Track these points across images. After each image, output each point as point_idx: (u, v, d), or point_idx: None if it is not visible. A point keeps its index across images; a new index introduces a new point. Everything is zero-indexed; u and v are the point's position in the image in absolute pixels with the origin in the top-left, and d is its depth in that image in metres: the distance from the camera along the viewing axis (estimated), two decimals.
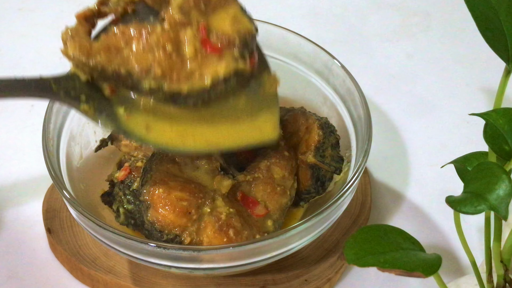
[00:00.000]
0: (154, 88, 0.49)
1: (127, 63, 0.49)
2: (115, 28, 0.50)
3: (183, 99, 0.50)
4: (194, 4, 0.51)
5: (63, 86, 0.49)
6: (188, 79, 0.49)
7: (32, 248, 0.60)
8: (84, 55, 0.49)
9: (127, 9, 0.53)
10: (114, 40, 0.50)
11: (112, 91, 0.50)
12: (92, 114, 0.49)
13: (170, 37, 0.49)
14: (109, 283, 0.57)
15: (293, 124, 0.59)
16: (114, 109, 0.50)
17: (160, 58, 0.49)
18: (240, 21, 0.52)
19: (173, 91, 0.49)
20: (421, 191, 0.66)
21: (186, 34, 0.49)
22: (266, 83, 0.54)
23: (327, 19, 0.87)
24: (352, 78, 0.58)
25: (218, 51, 0.50)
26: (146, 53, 0.49)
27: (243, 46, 0.51)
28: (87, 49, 0.49)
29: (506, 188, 0.39)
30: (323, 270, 0.57)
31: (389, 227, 0.43)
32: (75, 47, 0.50)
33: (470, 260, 0.45)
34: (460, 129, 0.72)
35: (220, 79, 0.49)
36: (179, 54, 0.49)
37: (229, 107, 0.52)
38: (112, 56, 0.49)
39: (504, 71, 0.44)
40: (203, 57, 0.50)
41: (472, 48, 0.82)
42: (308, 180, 0.56)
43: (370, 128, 0.55)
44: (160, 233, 0.51)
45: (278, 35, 0.63)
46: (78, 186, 0.55)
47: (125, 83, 0.50)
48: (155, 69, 0.49)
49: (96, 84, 0.50)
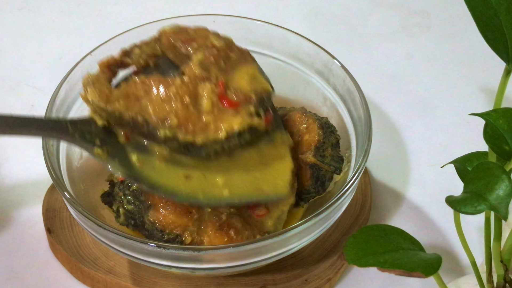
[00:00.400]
0: (169, 137, 0.50)
1: (145, 111, 0.50)
2: (136, 77, 0.52)
3: (196, 150, 0.51)
4: (214, 61, 0.52)
5: (79, 129, 0.51)
6: (203, 131, 0.50)
7: (32, 248, 0.60)
8: (103, 101, 0.50)
9: (149, 62, 0.55)
10: (134, 89, 0.51)
11: (126, 138, 0.52)
12: (105, 158, 0.51)
13: (189, 89, 0.50)
14: (109, 283, 0.57)
15: (293, 124, 0.59)
16: (128, 155, 0.51)
17: (178, 108, 0.50)
18: (257, 80, 0.53)
19: (187, 142, 0.50)
20: (421, 191, 0.66)
21: (204, 88, 0.50)
22: (278, 141, 0.55)
23: (327, 19, 0.87)
24: (352, 78, 0.58)
25: (235, 106, 0.51)
26: (164, 103, 0.50)
27: (259, 103, 0.52)
28: (107, 95, 0.51)
29: (506, 188, 0.39)
30: (323, 270, 0.57)
31: (389, 227, 0.43)
32: (94, 93, 0.51)
33: (470, 260, 0.45)
34: (460, 129, 0.72)
35: (234, 133, 0.50)
36: (196, 106, 0.50)
37: (241, 160, 0.53)
38: (130, 104, 0.50)
39: (504, 71, 0.44)
40: (219, 110, 0.50)
41: (472, 48, 0.82)
42: (308, 180, 0.56)
43: (370, 128, 0.55)
44: (161, 233, 0.51)
45: (278, 35, 0.63)
46: (78, 186, 0.55)
47: (141, 130, 0.51)
48: (171, 119, 0.49)
49: (111, 129, 0.52)
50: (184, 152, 0.51)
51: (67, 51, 0.80)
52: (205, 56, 0.52)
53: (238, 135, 0.51)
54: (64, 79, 0.57)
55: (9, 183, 0.66)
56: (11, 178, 0.66)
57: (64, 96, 0.57)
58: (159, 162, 0.52)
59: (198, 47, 0.53)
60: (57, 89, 0.56)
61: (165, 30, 0.55)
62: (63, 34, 0.83)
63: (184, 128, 0.50)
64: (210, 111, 0.50)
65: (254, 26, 0.63)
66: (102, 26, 0.84)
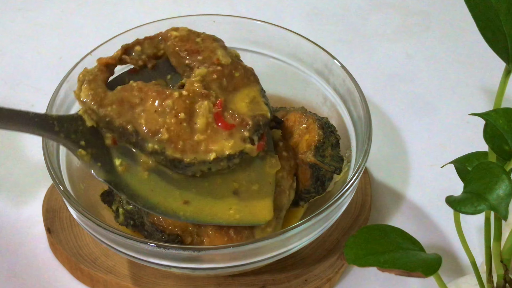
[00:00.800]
0: (157, 150, 0.49)
1: (136, 121, 0.49)
2: (133, 83, 0.50)
3: (182, 167, 0.49)
4: (217, 78, 0.51)
5: (65, 128, 0.49)
6: (193, 150, 0.49)
7: (32, 248, 0.60)
8: (96, 104, 0.49)
9: (148, 63, 0.53)
10: (129, 95, 0.50)
11: (114, 142, 0.50)
12: (88, 160, 0.50)
13: (185, 105, 0.49)
14: (109, 283, 0.57)
15: (293, 124, 0.59)
16: (112, 160, 0.50)
17: (170, 124, 0.48)
18: (257, 104, 0.52)
19: (175, 158, 0.49)
20: (421, 191, 0.66)
21: (201, 106, 0.49)
22: (266, 165, 0.53)
23: (327, 19, 0.87)
24: (352, 78, 0.58)
25: (229, 128, 0.49)
26: (157, 115, 0.49)
27: (254, 129, 0.50)
28: (101, 98, 0.49)
29: (506, 188, 0.39)
30: (323, 270, 0.57)
31: (389, 227, 0.43)
32: (88, 93, 0.49)
33: (470, 260, 0.45)
34: (460, 129, 0.72)
35: (224, 157, 0.49)
36: (190, 123, 0.49)
37: (227, 181, 0.52)
38: (123, 111, 0.49)
39: (504, 71, 0.44)
40: (213, 131, 0.49)
41: (472, 48, 0.82)
42: (308, 180, 0.56)
43: (370, 128, 0.55)
44: (162, 234, 0.51)
45: (278, 35, 0.63)
46: (78, 186, 0.55)
47: (128, 139, 0.50)
48: (162, 134, 0.48)
49: (99, 130, 0.50)
50: (169, 167, 0.50)
51: (67, 51, 0.80)
52: (208, 72, 0.51)
53: (227, 159, 0.49)
54: (64, 79, 0.57)
55: (9, 183, 0.66)
56: (11, 178, 0.66)
57: (64, 96, 0.57)
58: (143, 171, 0.50)
59: (202, 60, 0.52)
60: (57, 89, 0.56)
61: (172, 34, 0.54)
62: (63, 34, 0.83)
63: (174, 145, 0.48)
64: (203, 130, 0.49)
65: (254, 26, 0.63)
66: (102, 26, 0.84)
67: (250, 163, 0.52)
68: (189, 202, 0.50)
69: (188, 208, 0.50)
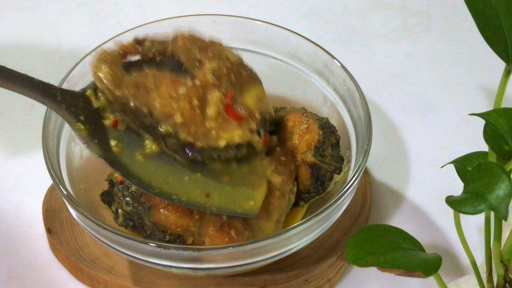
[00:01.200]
0: (170, 133, 0.50)
1: (152, 104, 0.50)
2: (148, 70, 0.52)
3: (193, 152, 0.51)
4: (226, 73, 0.53)
5: (67, 100, 0.51)
6: (204, 135, 0.51)
7: (32, 248, 0.60)
8: (114, 85, 0.51)
9: (156, 57, 0.55)
10: (145, 80, 0.51)
11: (114, 125, 0.52)
12: (85, 135, 0.51)
13: (198, 93, 0.51)
14: (109, 283, 0.57)
15: (294, 124, 0.59)
16: (108, 140, 0.52)
17: (184, 108, 0.50)
18: (263, 102, 0.54)
19: (187, 142, 0.50)
20: (421, 191, 0.66)
21: (213, 96, 0.51)
22: (259, 164, 0.55)
23: (327, 19, 0.87)
24: (352, 78, 0.58)
25: (238, 119, 0.52)
26: (172, 100, 0.50)
27: (261, 123, 0.53)
28: (119, 79, 0.51)
29: (506, 188, 0.39)
30: (323, 270, 0.57)
31: (389, 227, 0.43)
32: (108, 74, 0.51)
33: (470, 260, 0.45)
34: (460, 129, 0.72)
35: (233, 145, 0.51)
36: (202, 111, 0.51)
37: (221, 171, 0.53)
38: (139, 94, 0.51)
39: (504, 71, 0.44)
40: (223, 120, 0.51)
41: (472, 48, 0.82)
42: (308, 180, 0.56)
43: (370, 128, 0.55)
44: (163, 234, 0.51)
45: (278, 35, 0.63)
46: (78, 186, 0.55)
47: (142, 121, 0.51)
48: (176, 117, 0.50)
49: (99, 111, 0.52)
50: (179, 152, 0.51)
51: (67, 51, 0.80)
52: (219, 66, 0.53)
53: (236, 148, 0.51)
54: (64, 79, 0.57)
55: (9, 183, 0.66)
56: (11, 178, 0.66)
57: None
58: (140, 156, 0.52)
59: (212, 56, 0.54)
60: None
61: (183, 33, 0.55)
62: (63, 34, 0.83)
63: (187, 129, 0.50)
64: (214, 118, 0.51)
65: (254, 26, 0.63)
66: (102, 26, 0.84)
67: (253, 160, 0.54)
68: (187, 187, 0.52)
69: (186, 179, 0.52)
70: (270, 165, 0.55)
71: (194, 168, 0.52)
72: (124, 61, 0.54)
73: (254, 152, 0.53)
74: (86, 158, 0.59)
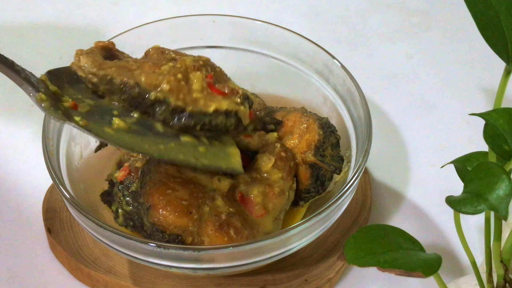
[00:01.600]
0: (160, 99, 0.51)
1: (137, 78, 0.51)
2: (129, 58, 0.54)
3: (185, 117, 0.51)
4: (202, 64, 0.54)
5: (26, 73, 0.51)
6: (193, 102, 0.52)
7: (32, 248, 0.60)
8: (96, 67, 0.51)
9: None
10: (126, 63, 0.52)
11: (74, 106, 0.51)
12: (47, 106, 0.49)
13: (180, 71, 0.52)
14: (109, 283, 0.57)
15: (294, 124, 0.59)
16: (72, 116, 0.50)
17: (170, 80, 0.51)
18: (239, 87, 0.55)
19: (177, 107, 0.51)
20: (421, 191, 0.66)
21: (195, 74, 0.53)
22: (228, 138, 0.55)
23: (327, 19, 0.87)
24: (352, 78, 0.58)
25: (222, 94, 0.53)
26: (156, 74, 0.51)
27: (244, 97, 0.54)
28: (100, 63, 0.52)
29: (506, 188, 0.39)
30: (323, 270, 0.57)
31: (389, 227, 0.43)
32: (88, 59, 0.52)
33: (470, 260, 0.45)
34: (460, 129, 0.72)
35: (222, 111, 0.52)
36: (188, 84, 0.52)
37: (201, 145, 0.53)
38: (122, 72, 0.51)
39: (504, 71, 0.44)
40: (208, 93, 0.53)
41: (472, 48, 0.82)
42: (308, 179, 0.56)
43: (370, 128, 0.55)
44: (162, 234, 0.51)
45: (278, 35, 0.63)
46: (78, 186, 0.55)
47: (130, 93, 0.51)
48: (164, 86, 0.51)
49: (58, 96, 0.51)
50: (167, 121, 0.51)
51: (67, 51, 0.80)
52: (194, 59, 0.54)
53: (225, 114, 0.52)
54: None
55: (9, 183, 0.66)
56: (11, 178, 0.66)
57: None
58: (109, 129, 0.50)
59: (186, 56, 0.55)
60: None
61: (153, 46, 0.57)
62: (63, 34, 0.83)
63: (176, 95, 0.51)
64: (200, 91, 0.52)
65: (254, 26, 0.63)
66: (102, 26, 0.84)
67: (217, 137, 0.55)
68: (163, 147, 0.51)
69: (162, 148, 0.51)
70: (269, 160, 0.55)
71: (168, 140, 0.52)
72: (105, 55, 0.54)
73: (239, 125, 0.54)
74: (86, 158, 0.59)
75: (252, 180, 0.54)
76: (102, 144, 0.60)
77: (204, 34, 0.64)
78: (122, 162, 0.58)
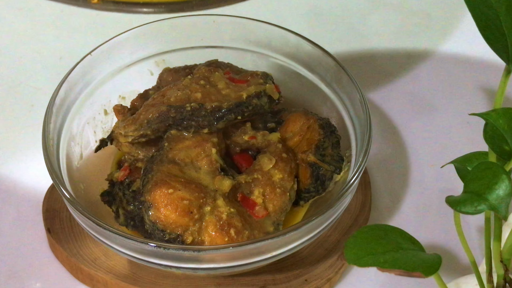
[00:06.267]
0: (196, 107, 0.54)
1: (167, 102, 0.55)
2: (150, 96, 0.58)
3: (223, 115, 0.54)
4: (216, 65, 0.60)
5: None
6: (225, 98, 0.55)
7: (32, 248, 0.60)
8: (132, 125, 0.55)
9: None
10: (151, 100, 0.56)
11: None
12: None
13: (203, 76, 0.57)
14: (109, 283, 0.57)
15: (294, 124, 0.59)
16: None
17: (196, 88, 0.56)
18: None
19: (214, 107, 0.54)
20: (421, 191, 0.66)
21: (215, 75, 0.57)
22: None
23: (327, 19, 0.87)
24: (352, 78, 0.58)
25: (245, 82, 0.57)
26: (182, 90, 0.56)
27: (265, 76, 0.58)
28: (130, 119, 0.56)
29: (506, 188, 0.39)
30: (323, 270, 0.57)
31: (389, 227, 0.43)
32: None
33: (470, 260, 0.45)
34: (460, 129, 0.72)
35: (253, 95, 0.56)
36: (212, 86, 0.56)
37: None
38: (151, 109, 0.55)
39: (504, 71, 0.44)
40: (233, 86, 0.57)
41: (472, 48, 0.82)
42: (308, 179, 0.56)
43: (370, 128, 0.55)
44: (162, 233, 0.51)
45: (278, 35, 0.63)
46: (78, 186, 0.55)
47: (167, 116, 0.55)
48: (192, 96, 0.55)
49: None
50: (206, 125, 0.54)
51: (67, 51, 0.80)
52: (207, 64, 0.59)
53: (257, 96, 0.56)
54: (64, 79, 0.57)
55: (9, 183, 0.66)
56: (11, 178, 0.66)
57: (64, 96, 0.57)
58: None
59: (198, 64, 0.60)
60: (57, 89, 0.56)
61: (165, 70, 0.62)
62: (63, 34, 0.83)
63: (208, 98, 0.55)
64: (226, 87, 0.56)
65: (254, 26, 0.63)
66: (102, 26, 0.84)
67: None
68: None
69: None
70: (270, 161, 0.55)
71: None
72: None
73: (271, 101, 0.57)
74: (86, 158, 0.59)
75: (253, 180, 0.54)
76: (102, 144, 0.60)
77: (204, 34, 0.64)
78: (122, 162, 0.58)
